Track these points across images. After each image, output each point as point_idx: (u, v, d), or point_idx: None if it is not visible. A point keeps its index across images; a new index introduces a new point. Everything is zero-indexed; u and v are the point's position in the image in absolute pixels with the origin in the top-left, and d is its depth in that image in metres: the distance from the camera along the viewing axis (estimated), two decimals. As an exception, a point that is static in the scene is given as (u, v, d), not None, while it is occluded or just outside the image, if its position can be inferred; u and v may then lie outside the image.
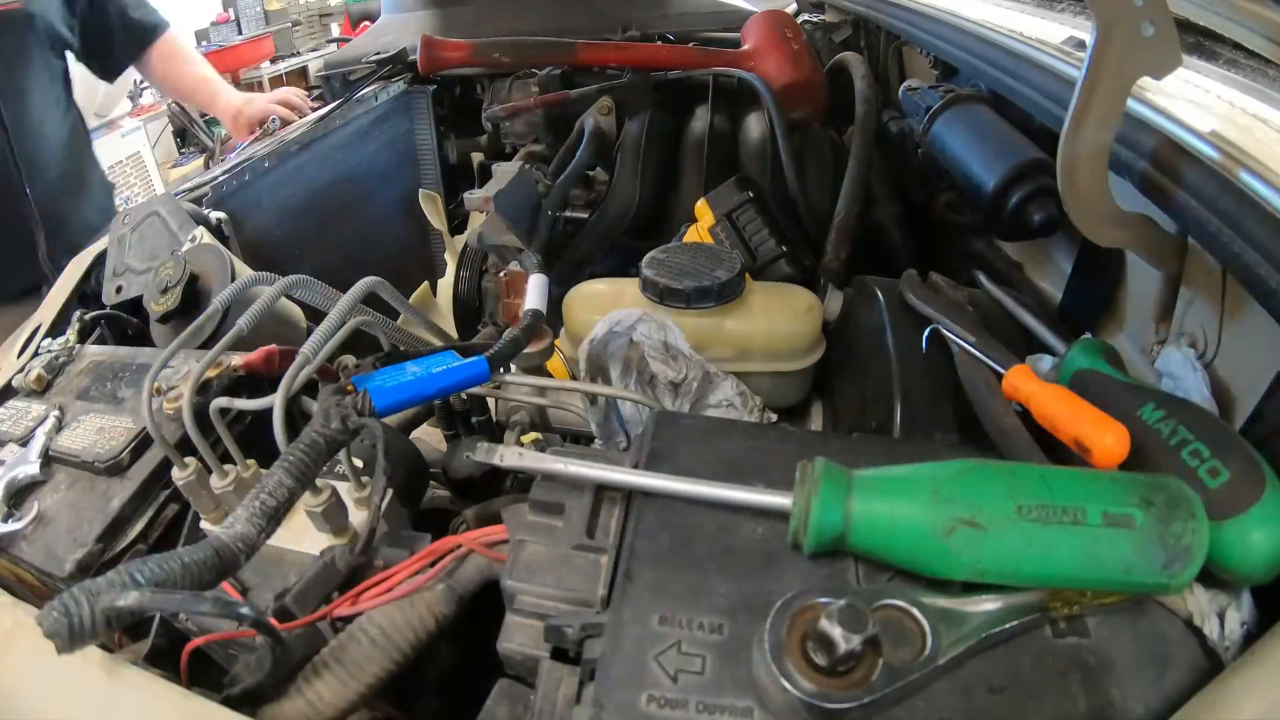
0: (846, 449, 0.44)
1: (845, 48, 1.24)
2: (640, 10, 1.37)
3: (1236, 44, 0.62)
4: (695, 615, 0.35)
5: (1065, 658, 0.34)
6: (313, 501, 0.48)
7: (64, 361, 0.71)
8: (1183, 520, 0.33)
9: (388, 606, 0.43)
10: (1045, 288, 0.79)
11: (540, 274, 0.61)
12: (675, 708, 0.32)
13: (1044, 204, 0.68)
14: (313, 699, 0.41)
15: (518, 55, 1.10)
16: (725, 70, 1.06)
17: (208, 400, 0.50)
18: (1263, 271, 0.41)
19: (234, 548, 0.38)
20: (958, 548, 0.33)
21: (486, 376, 0.50)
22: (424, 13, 1.46)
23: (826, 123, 1.08)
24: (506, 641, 0.40)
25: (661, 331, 0.63)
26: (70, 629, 0.32)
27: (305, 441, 0.43)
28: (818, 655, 0.31)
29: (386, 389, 0.46)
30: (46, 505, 0.57)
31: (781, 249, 0.79)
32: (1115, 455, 0.41)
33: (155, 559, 0.35)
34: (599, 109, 1.10)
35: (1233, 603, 0.37)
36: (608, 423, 0.65)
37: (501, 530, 0.44)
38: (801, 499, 0.36)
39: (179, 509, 0.58)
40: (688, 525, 0.39)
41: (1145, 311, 0.60)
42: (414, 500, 0.62)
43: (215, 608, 0.34)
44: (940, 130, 0.84)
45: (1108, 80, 0.48)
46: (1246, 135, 0.48)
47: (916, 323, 0.61)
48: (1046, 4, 0.86)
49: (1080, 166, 0.51)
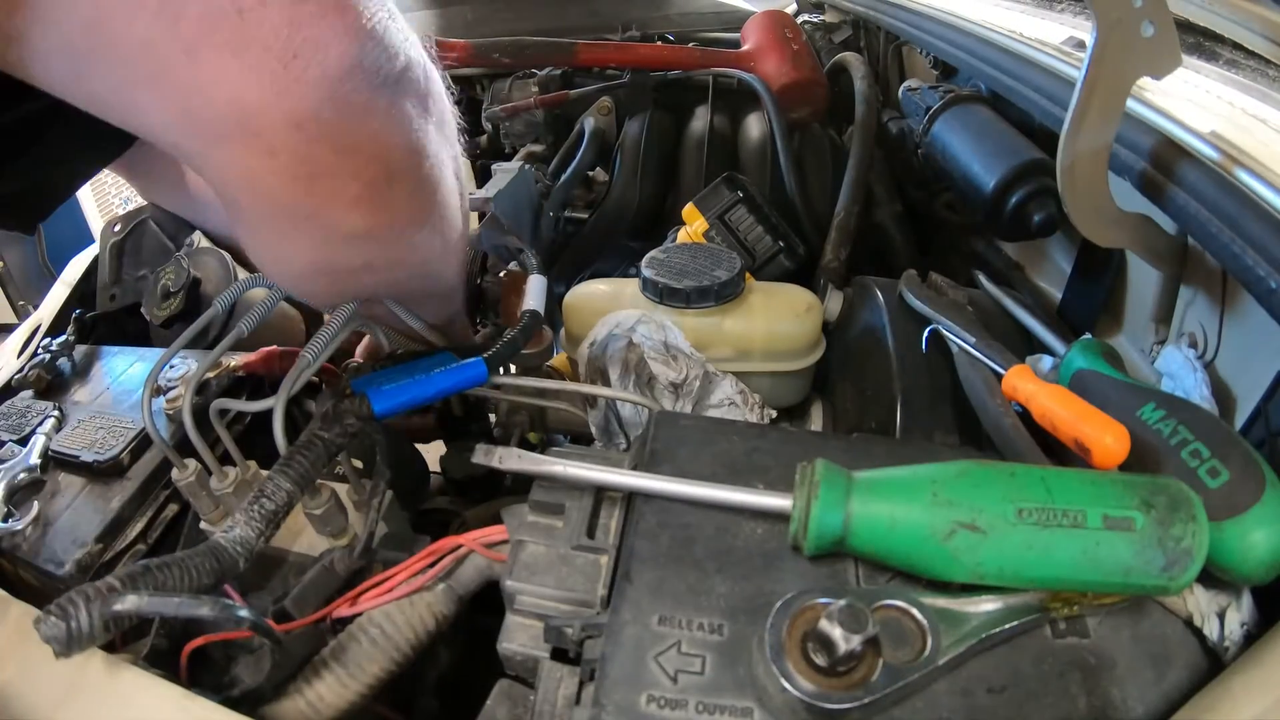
0: (846, 449, 0.44)
1: (845, 48, 1.24)
2: (640, 10, 1.37)
3: (1236, 44, 0.62)
4: (695, 615, 0.35)
5: (1065, 658, 0.34)
6: (312, 504, 0.48)
7: (64, 361, 0.71)
8: (1183, 523, 0.33)
9: (388, 607, 0.43)
10: (1045, 288, 0.79)
11: (539, 274, 0.61)
12: (675, 708, 0.32)
13: (1044, 204, 0.68)
14: (313, 699, 0.41)
15: (518, 55, 1.10)
16: (725, 70, 1.06)
17: (207, 401, 0.50)
18: (1263, 271, 0.41)
19: (232, 551, 0.38)
20: (958, 551, 0.33)
21: (485, 377, 0.50)
22: (424, 13, 1.46)
23: (826, 123, 1.08)
24: (506, 642, 0.40)
25: (661, 332, 0.63)
26: (68, 633, 0.32)
27: (304, 444, 0.43)
28: (818, 655, 0.31)
29: (385, 391, 0.46)
30: (46, 505, 0.57)
31: (779, 244, 0.79)
32: (1115, 455, 0.41)
33: (154, 562, 0.35)
34: (599, 109, 1.10)
35: (1233, 603, 0.37)
36: (607, 425, 0.65)
37: (501, 531, 0.44)
38: (801, 501, 0.36)
39: (179, 509, 0.58)
40: (688, 526, 0.39)
41: (1145, 311, 0.60)
42: (414, 502, 0.62)
43: (214, 610, 0.34)
44: (940, 130, 0.84)
45: (1108, 80, 0.47)
46: (1246, 135, 0.48)
47: (916, 323, 0.61)
48: (1046, 4, 0.86)
49: (1080, 166, 0.51)
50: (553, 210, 1.01)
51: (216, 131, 0.31)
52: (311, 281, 0.44)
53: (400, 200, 0.38)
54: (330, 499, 0.48)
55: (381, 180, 0.36)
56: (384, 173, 0.36)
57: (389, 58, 0.32)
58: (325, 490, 0.48)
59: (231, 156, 0.32)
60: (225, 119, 0.30)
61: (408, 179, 0.38)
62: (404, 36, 0.34)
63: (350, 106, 0.31)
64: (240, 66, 0.28)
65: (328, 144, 0.32)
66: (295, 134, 0.31)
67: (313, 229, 0.38)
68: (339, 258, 0.40)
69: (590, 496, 0.43)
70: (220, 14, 0.27)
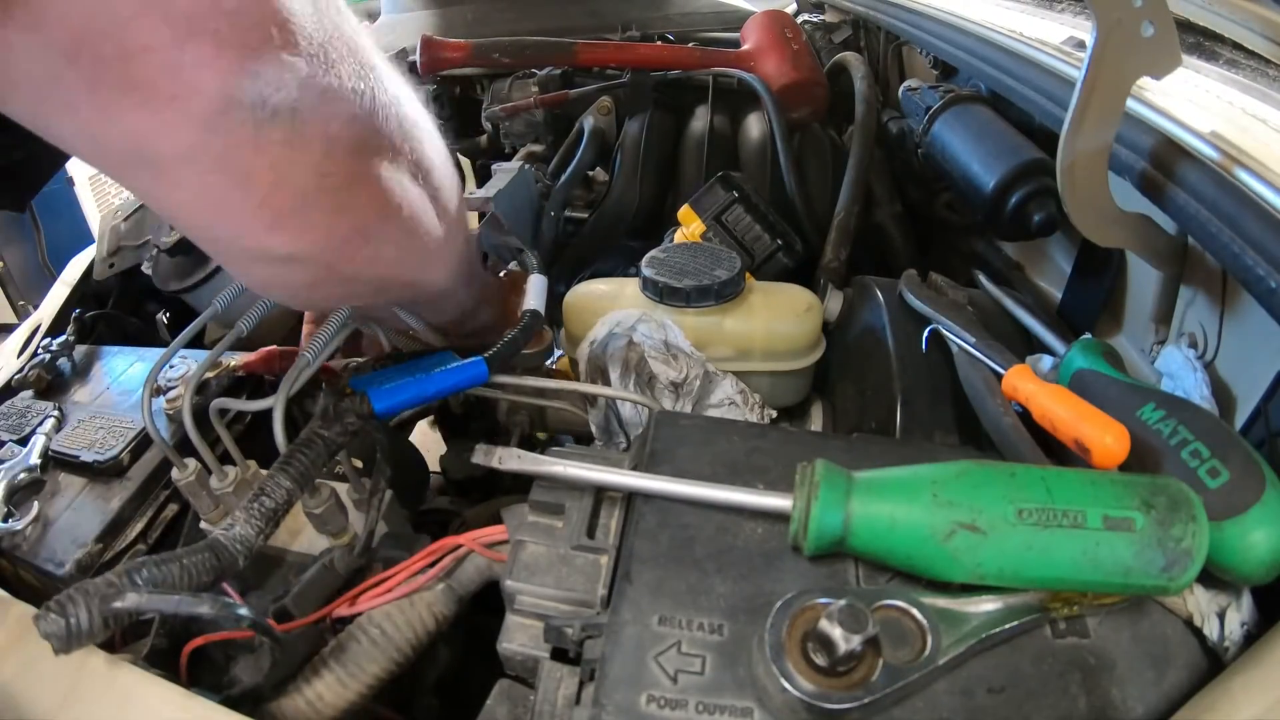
0: (846, 449, 0.44)
1: (845, 48, 1.24)
2: (640, 10, 1.37)
3: (1236, 44, 0.62)
4: (695, 615, 0.35)
5: (1065, 658, 0.34)
6: (312, 504, 0.48)
7: (64, 361, 0.71)
8: (1183, 523, 0.33)
9: (387, 606, 0.43)
10: (1045, 288, 0.79)
11: (539, 274, 0.61)
12: (675, 708, 0.32)
13: (1044, 204, 0.68)
14: (312, 699, 0.41)
15: (518, 55, 1.10)
16: (725, 70, 1.06)
17: (207, 401, 0.50)
18: (1263, 271, 0.41)
19: (232, 549, 0.38)
20: (958, 551, 0.33)
21: (485, 377, 0.50)
22: (424, 13, 1.45)
23: (826, 123, 1.08)
24: (506, 642, 0.40)
25: (662, 331, 0.63)
26: (67, 629, 0.32)
27: (304, 442, 0.43)
28: (818, 655, 0.31)
29: (385, 390, 0.46)
30: (46, 505, 0.57)
31: (777, 242, 0.79)
32: (1115, 455, 0.41)
33: (153, 560, 0.35)
34: (599, 109, 1.10)
35: (1233, 603, 0.37)
36: (608, 424, 0.65)
37: (501, 530, 0.44)
38: (801, 501, 0.36)
39: (179, 509, 0.58)
40: (687, 526, 0.39)
41: (1145, 311, 0.60)
42: (414, 501, 0.62)
43: (213, 609, 0.34)
44: (940, 130, 0.84)
45: (1108, 80, 0.47)
46: (1246, 135, 0.48)
47: (916, 323, 0.61)
48: (1046, 4, 0.86)
49: (1080, 166, 0.51)
50: (553, 210, 1.01)
51: (126, 163, 0.33)
52: (276, 293, 0.45)
53: (322, 222, 0.38)
54: (330, 498, 0.48)
55: (293, 206, 0.36)
56: (293, 199, 0.36)
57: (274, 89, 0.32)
58: (325, 489, 0.48)
59: (143, 186, 0.35)
60: (129, 153, 0.32)
61: (325, 201, 0.38)
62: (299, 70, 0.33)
63: (238, 139, 0.32)
64: (132, 105, 0.30)
65: (223, 176, 0.34)
66: (190, 167, 0.33)
67: (242, 251, 0.39)
68: (281, 276, 0.41)
69: (590, 496, 0.43)
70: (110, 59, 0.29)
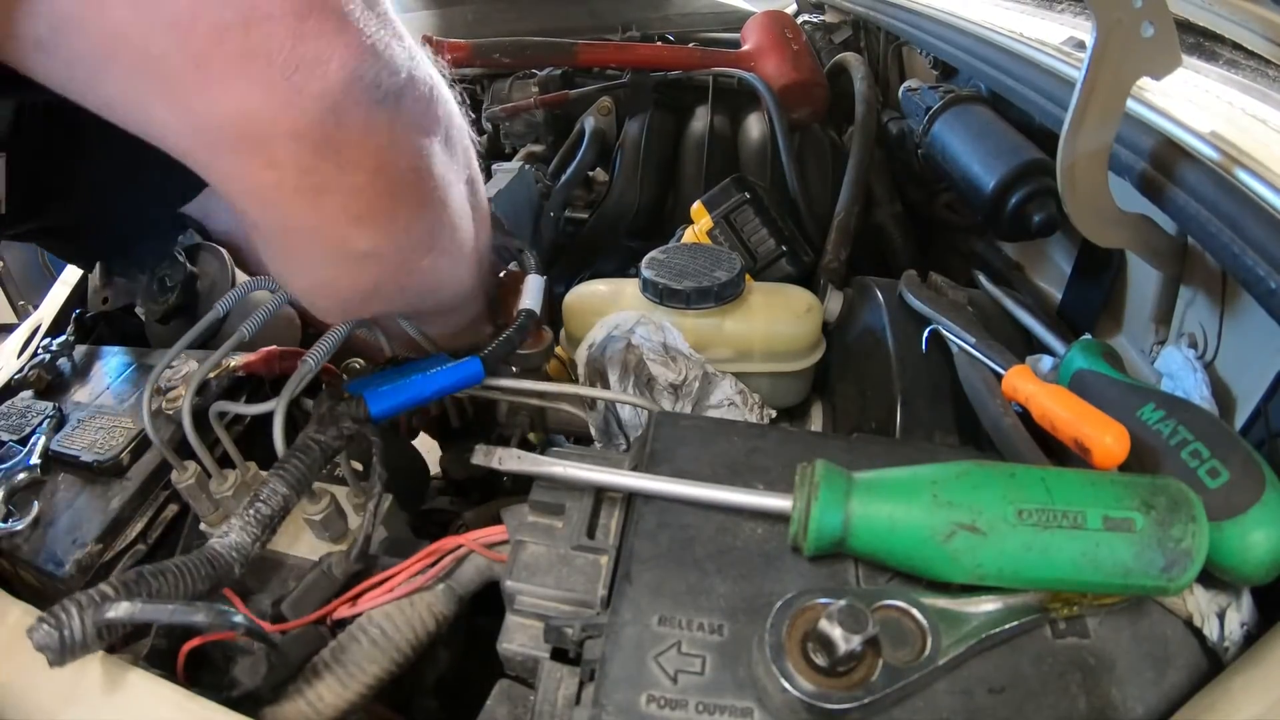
0: (846, 450, 0.44)
1: (845, 48, 1.24)
2: (640, 10, 1.37)
3: (1236, 44, 0.62)
4: (695, 616, 0.35)
5: (1065, 658, 0.34)
6: (311, 510, 0.47)
7: (64, 361, 0.71)
8: (1183, 524, 0.33)
9: (387, 607, 0.43)
10: (1045, 288, 0.79)
11: (537, 274, 0.61)
12: (675, 708, 0.32)
13: (1044, 204, 0.68)
14: (313, 699, 0.41)
15: (518, 55, 1.10)
16: (725, 70, 1.06)
17: (207, 402, 0.50)
18: (1263, 271, 0.41)
19: (228, 557, 0.38)
20: (958, 552, 0.33)
21: (481, 376, 0.50)
22: (424, 13, 1.46)
23: (826, 123, 1.08)
24: (506, 642, 0.40)
25: (660, 333, 0.63)
26: (61, 642, 0.32)
27: (300, 448, 0.43)
28: (818, 655, 0.31)
29: (381, 392, 0.46)
30: (46, 505, 0.57)
31: (781, 248, 0.79)
32: (1115, 456, 0.41)
33: (148, 568, 0.35)
34: (599, 109, 1.10)
35: (1233, 603, 0.37)
36: (607, 426, 0.65)
37: (501, 531, 0.44)
38: (801, 502, 0.36)
39: (179, 510, 0.58)
40: (687, 526, 0.39)
41: (1145, 312, 0.60)
42: (414, 504, 0.62)
43: (208, 617, 0.34)
44: (940, 130, 0.84)
45: (1107, 80, 0.47)
46: (1246, 135, 0.48)
47: (916, 323, 0.61)
48: (1046, 4, 0.86)
49: (1080, 166, 0.51)
50: (553, 210, 1.01)
51: (223, 142, 0.32)
52: (323, 298, 0.45)
53: (404, 221, 0.39)
54: (329, 504, 0.48)
55: (385, 198, 0.36)
56: (387, 190, 0.36)
57: (390, 73, 0.33)
58: (324, 495, 0.48)
59: (237, 167, 0.34)
60: (231, 129, 0.31)
61: (411, 198, 0.38)
62: (409, 55, 0.35)
63: (351, 120, 0.32)
64: (245, 78, 0.29)
65: (329, 157, 0.33)
66: (296, 145, 0.32)
67: (319, 245, 0.38)
68: (347, 277, 0.41)
69: (590, 497, 0.43)
70: (227, 28, 0.28)
